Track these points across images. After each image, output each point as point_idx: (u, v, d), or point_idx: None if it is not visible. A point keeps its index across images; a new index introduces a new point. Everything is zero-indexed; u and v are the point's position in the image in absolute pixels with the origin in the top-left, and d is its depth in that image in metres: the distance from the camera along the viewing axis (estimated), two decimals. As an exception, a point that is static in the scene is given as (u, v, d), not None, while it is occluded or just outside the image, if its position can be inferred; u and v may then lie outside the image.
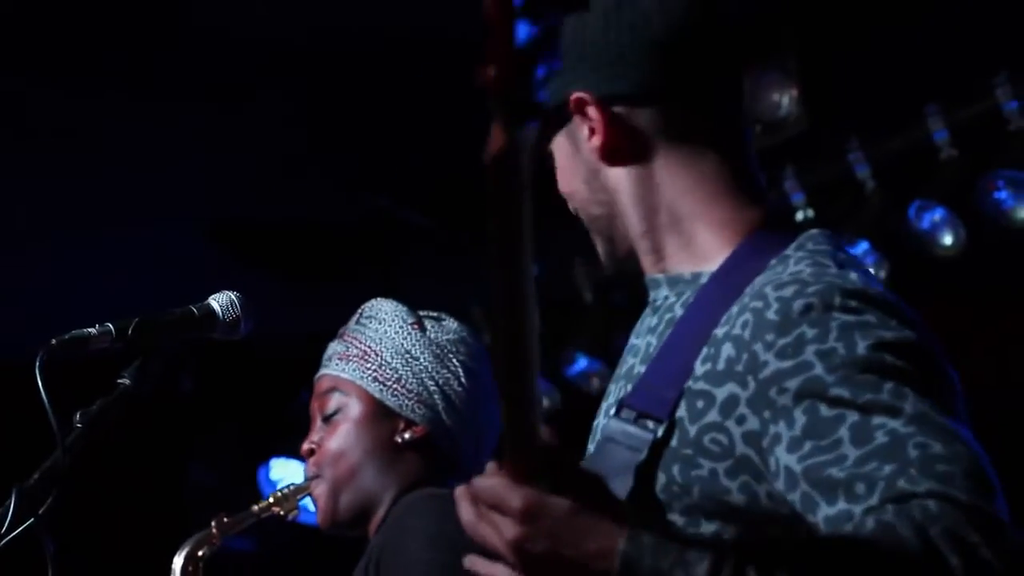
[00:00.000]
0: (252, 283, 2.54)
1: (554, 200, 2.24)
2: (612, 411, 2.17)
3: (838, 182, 5.55)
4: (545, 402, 6.13)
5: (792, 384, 1.97)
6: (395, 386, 3.13)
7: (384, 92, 5.55)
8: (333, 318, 3.27)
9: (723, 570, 1.81)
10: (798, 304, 2.01)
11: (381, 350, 3.15)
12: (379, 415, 3.13)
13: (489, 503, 1.86)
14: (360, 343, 3.18)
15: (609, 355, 6.16)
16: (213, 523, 3.22)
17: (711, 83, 2.22)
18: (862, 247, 5.46)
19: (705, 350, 2.09)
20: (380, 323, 3.19)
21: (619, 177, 2.22)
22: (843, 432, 1.93)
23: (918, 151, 5.37)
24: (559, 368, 6.22)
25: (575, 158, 2.25)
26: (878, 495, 1.87)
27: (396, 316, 3.20)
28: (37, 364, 2.35)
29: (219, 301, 2.61)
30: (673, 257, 2.22)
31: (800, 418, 1.96)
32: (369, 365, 3.14)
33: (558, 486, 1.83)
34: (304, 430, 6.51)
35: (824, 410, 1.94)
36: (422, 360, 3.14)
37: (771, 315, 2.02)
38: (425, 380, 3.13)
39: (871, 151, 5.47)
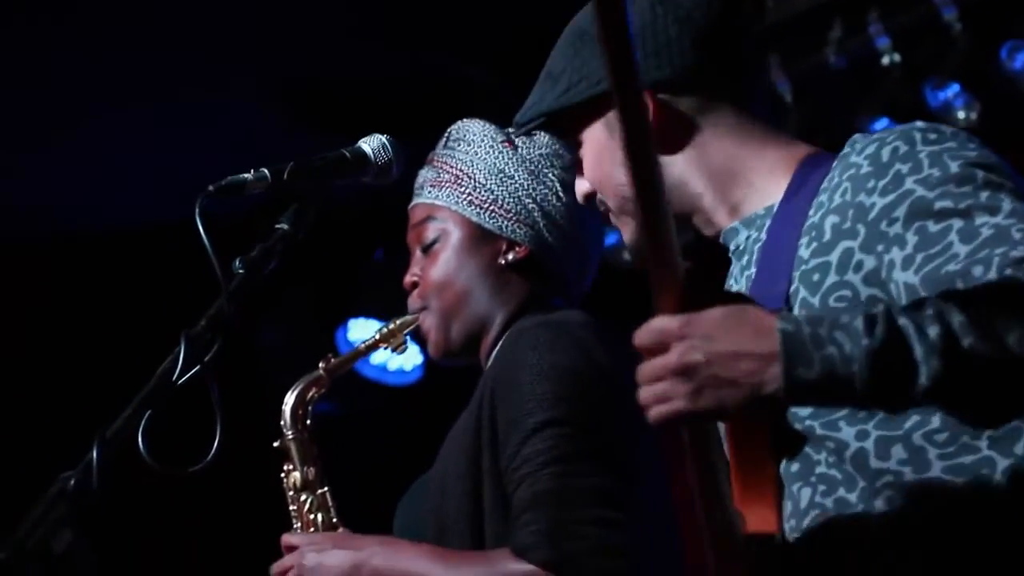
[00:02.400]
0: (317, 145, 2.49)
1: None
2: None
3: (924, 25, 5.47)
4: (626, 256, 6.08)
5: (900, 212, 2.14)
6: (492, 207, 3.06)
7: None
8: (400, 178, 3.20)
9: (877, 321, 1.91)
10: (886, 151, 2.19)
11: (474, 172, 3.07)
12: (480, 239, 3.07)
13: (649, 343, 1.91)
14: (451, 167, 3.10)
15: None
16: (321, 364, 3.19)
17: (745, 61, 2.44)
18: (953, 89, 5.40)
19: (806, 239, 2.24)
20: (469, 144, 3.11)
21: (664, 158, 2.34)
22: (952, 237, 2.08)
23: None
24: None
25: (611, 145, 2.39)
26: (995, 269, 2.01)
27: (485, 136, 3.12)
28: (197, 210, 2.33)
29: (370, 144, 2.57)
30: (744, 204, 2.38)
31: (911, 239, 2.11)
32: (463, 189, 3.07)
33: (710, 300, 1.92)
34: (379, 289, 6.54)
35: (931, 225, 2.10)
36: (517, 178, 3.07)
37: (864, 170, 2.20)
38: (522, 198, 3.06)
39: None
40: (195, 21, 5.74)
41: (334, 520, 3.10)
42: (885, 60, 5.45)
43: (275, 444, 3.16)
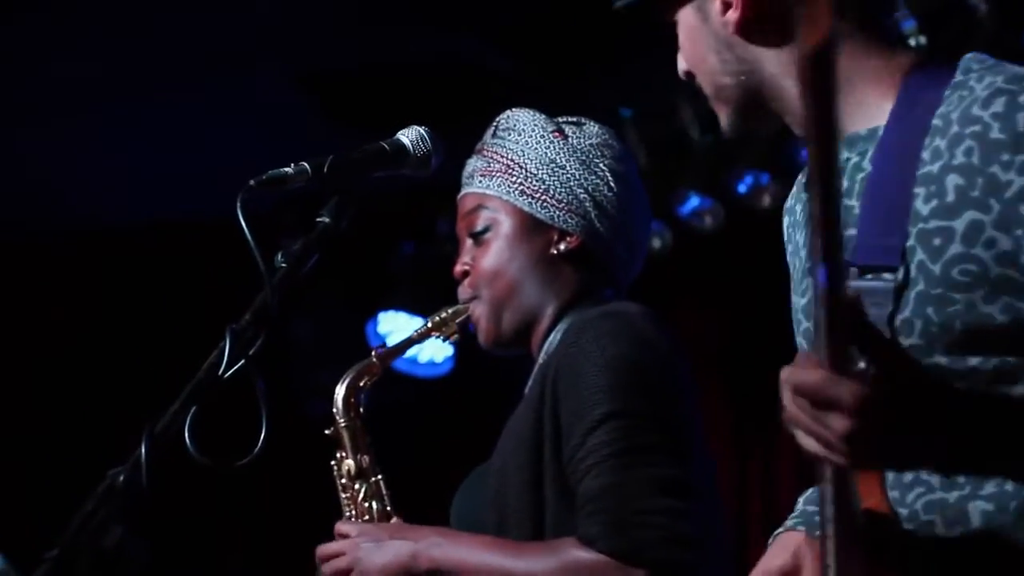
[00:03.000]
0: (341, 133, 2.49)
1: (652, 42, 2.24)
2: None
3: (950, 6, 5.45)
4: (656, 242, 6.10)
5: None
6: (544, 197, 3.06)
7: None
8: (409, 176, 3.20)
9: None
10: (1020, 117, 2.06)
11: (525, 162, 3.08)
12: (531, 228, 3.08)
13: (816, 399, 1.90)
14: (502, 157, 3.11)
15: (719, 191, 6.12)
16: (373, 352, 3.22)
17: None
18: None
19: (922, 190, 2.12)
20: (520, 134, 3.11)
21: (758, 50, 2.27)
22: None
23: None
24: (671, 208, 6.17)
25: (703, 30, 2.30)
26: None
27: (535, 125, 3.13)
28: (238, 204, 2.33)
29: (408, 136, 2.57)
30: (847, 115, 2.22)
31: None
32: (514, 178, 3.08)
33: (874, 361, 1.90)
34: (408, 282, 6.55)
35: None
36: (568, 168, 3.07)
37: (996, 134, 2.07)
38: (574, 188, 3.06)
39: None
40: (222, 9, 5.76)
41: (388, 508, 3.11)
42: (912, 43, 5.45)
43: (327, 432, 3.17)
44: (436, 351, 6.57)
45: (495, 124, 3.17)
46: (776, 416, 1.98)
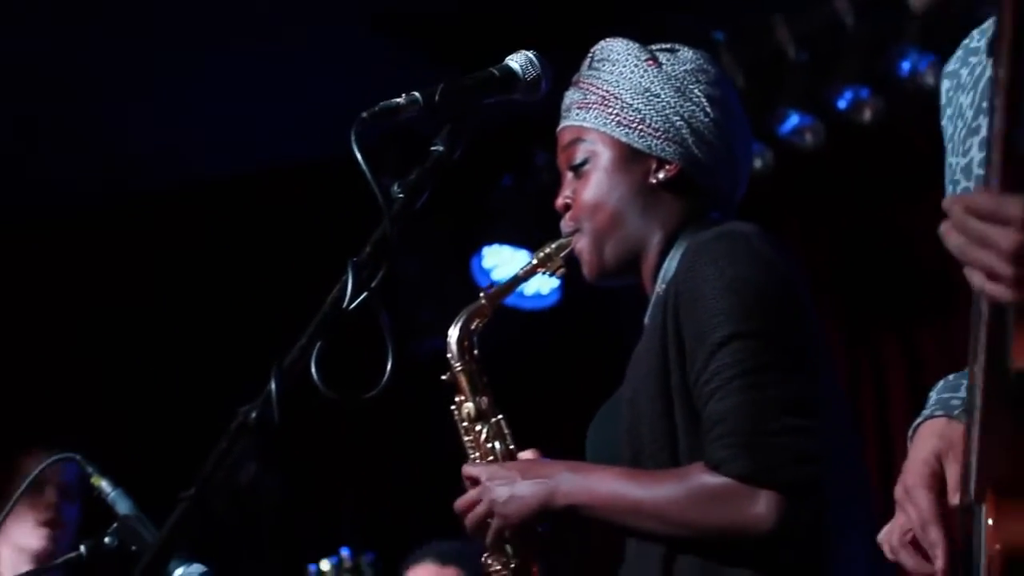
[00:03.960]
0: (421, 74, 2.47)
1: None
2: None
3: None
4: (758, 163, 6.06)
5: None
6: (640, 127, 3.04)
7: None
8: (522, 104, 3.16)
9: None
10: None
11: (620, 92, 3.06)
12: (629, 159, 3.06)
13: (985, 215, 1.88)
14: (597, 88, 3.10)
15: (819, 108, 6.06)
16: (481, 294, 3.21)
17: None
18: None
19: None
20: (614, 64, 3.10)
21: None
22: None
23: None
24: (771, 128, 6.12)
25: None
26: None
27: (629, 55, 3.10)
28: (352, 136, 2.33)
29: (517, 61, 2.56)
30: None
31: None
32: (610, 109, 3.06)
33: None
34: (510, 215, 6.54)
35: None
36: (663, 96, 3.05)
37: None
38: (670, 116, 3.04)
39: None
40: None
41: (511, 447, 3.10)
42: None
43: (443, 377, 3.17)
44: (542, 284, 6.57)
45: (590, 55, 3.16)
46: (885, 334, 1.96)
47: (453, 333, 3.17)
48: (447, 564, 4.91)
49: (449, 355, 3.15)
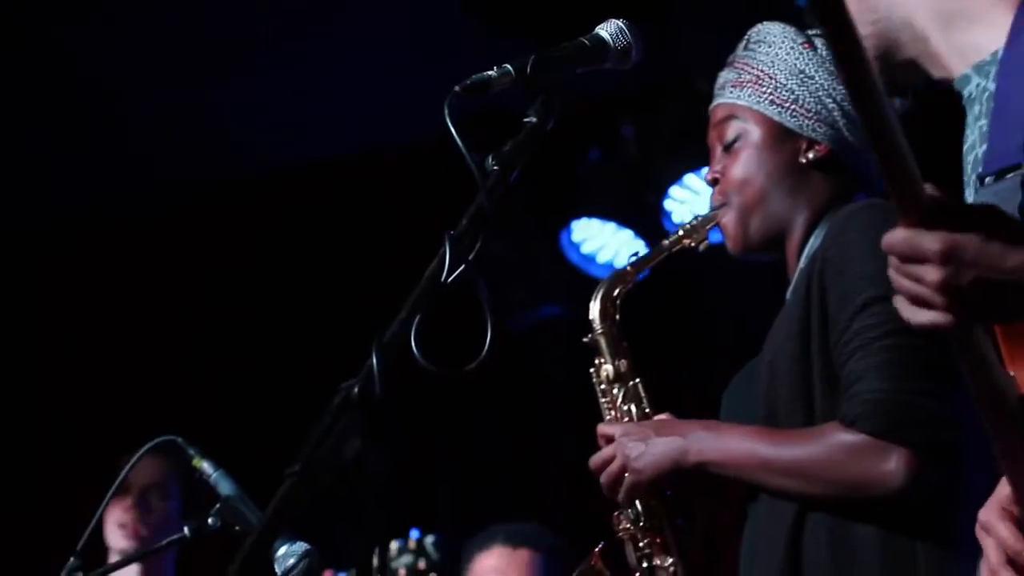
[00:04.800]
0: (512, 52, 2.47)
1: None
2: (975, 193, 2.27)
3: None
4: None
5: None
6: (793, 107, 3.11)
7: None
8: (607, 79, 3.15)
9: None
10: None
11: (775, 72, 3.13)
12: (780, 137, 3.13)
13: (904, 255, 1.93)
14: (752, 68, 3.17)
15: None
16: (627, 263, 3.29)
17: None
18: None
19: None
20: (770, 46, 3.17)
21: None
22: None
23: None
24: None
25: None
26: None
27: (785, 37, 3.17)
28: (446, 110, 2.33)
29: (607, 30, 2.55)
30: (971, 47, 2.32)
31: None
32: (764, 89, 3.13)
33: (959, 223, 1.91)
34: (598, 189, 6.51)
35: None
36: (817, 78, 3.12)
37: None
38: (823, 98, 3.11)
39: None
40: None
41: (647, 410, 3.20)
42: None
43: (584, 340, 3.25)
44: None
45: (747, 37, 3.23)
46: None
47: (595, 300, 3.26)
48: (518, 546, 4.87)
49: (591, 319, 3.24)
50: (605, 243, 6.34)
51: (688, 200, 5.88)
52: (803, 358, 2.91)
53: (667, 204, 5.95)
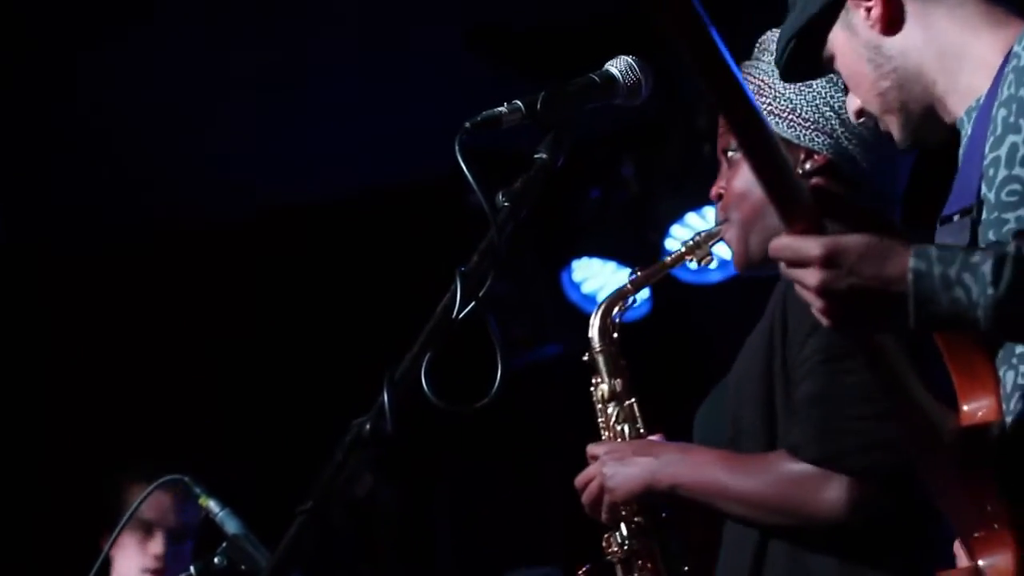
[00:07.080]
0: (512, 89, 2.47)
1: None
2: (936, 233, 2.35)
3: None
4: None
5: None
6: (791, 116, 3.05)
7: None
8: (607, 117, 3.15)
9: (1005, 265, 1.96)
10: None
11: (773, 82, 3.07)
12: None
13: (789, 260, 2.04)
14: (754, 78, 3.11)
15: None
16: (628, 280, 3.25)
17: None
18: None
19: (988, 131, 2.24)
20: (771, 55, 3.08)
21: (902, 40, 2.40)
22: None
23: None
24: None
25: (853, 43, 2.45)
26: None
27: None
28: (456, 146, 2.33)
29: (617, 66, 2.55)
30: (968, 91, 2.35)
31: None
32: (763, 99, 3.07)
33: (844, 223, 2.03)
34: (598, 227, 6.51)
35: None
36: (815, 86, 3.05)
37: None
38: (821, 107, 3.04)
39: None
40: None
41: (641, 431, 3.16)
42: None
43: (583, 358, 3.22)
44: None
45: (758, 44, 3.18)
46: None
47: (595, 317, 3.22)
48: None
49: (590, 337, 3.20)
50: (606, 283, 6.32)
51: (689, 239, 5.86)
52: (766, 375, 2.89)
53: (668, 243, 5.92)
